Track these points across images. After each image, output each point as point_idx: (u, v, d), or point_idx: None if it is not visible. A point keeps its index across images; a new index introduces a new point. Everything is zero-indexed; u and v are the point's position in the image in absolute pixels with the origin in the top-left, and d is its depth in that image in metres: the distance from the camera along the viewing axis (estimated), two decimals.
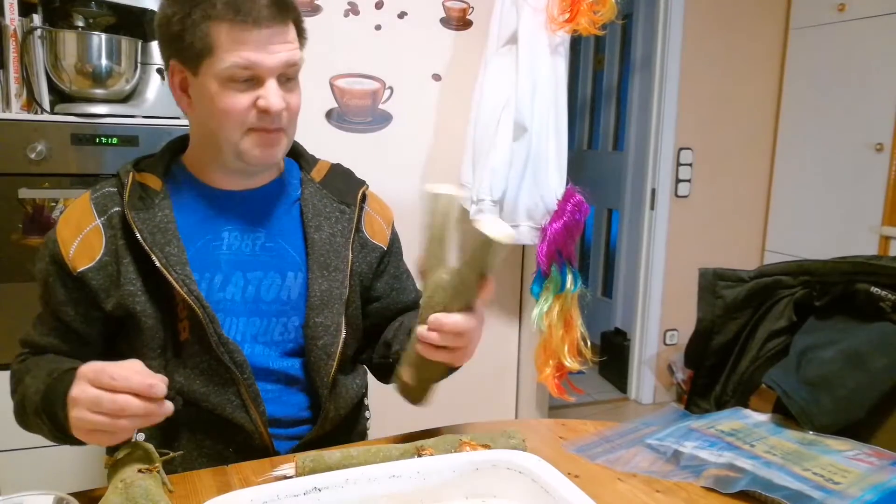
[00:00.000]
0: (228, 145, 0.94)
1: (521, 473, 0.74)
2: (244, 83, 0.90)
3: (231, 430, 0.96)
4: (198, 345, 0.94)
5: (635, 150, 3.35)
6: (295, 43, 0.93)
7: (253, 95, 0.91)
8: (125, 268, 0.93)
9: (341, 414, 1.04)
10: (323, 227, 1.03)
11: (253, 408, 0.95)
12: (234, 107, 0.90)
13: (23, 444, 1.64)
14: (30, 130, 1.59)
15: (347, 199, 1.07)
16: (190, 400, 0.94)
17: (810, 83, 2.94)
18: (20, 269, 1.62)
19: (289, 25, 0.92)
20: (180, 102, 0.97)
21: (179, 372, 0.95)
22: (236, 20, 0.87)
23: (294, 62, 0.92)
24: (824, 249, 2.80)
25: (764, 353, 1.17)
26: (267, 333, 1.00)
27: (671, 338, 3.16)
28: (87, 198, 0.97)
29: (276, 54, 0.90)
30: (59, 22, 1.69)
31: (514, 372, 2.56)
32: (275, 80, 0.91)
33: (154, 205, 0.95)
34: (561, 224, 2.06)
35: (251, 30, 0.87)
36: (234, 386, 0.95)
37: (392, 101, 2.27)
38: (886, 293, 1.04)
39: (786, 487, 0.79)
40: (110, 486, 0.75)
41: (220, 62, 0.89)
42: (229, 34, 0.88)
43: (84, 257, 0.93)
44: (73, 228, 0.94)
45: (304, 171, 1.08)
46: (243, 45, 0.88)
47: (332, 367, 1.00)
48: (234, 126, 0.92)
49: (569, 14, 1.98)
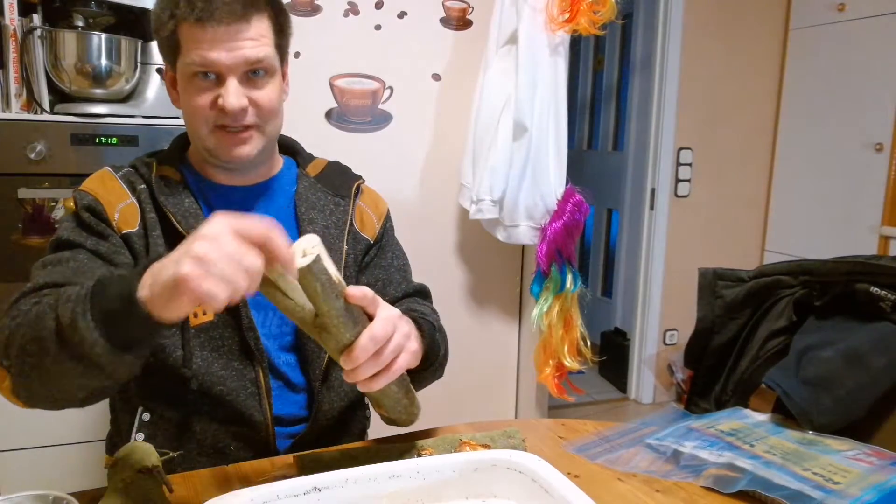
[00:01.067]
0: (199, 142, 0.98)
1: (521, 473, 0.74)
2: (207, 81, 0.92)
3: (239, 420, 0.97)
4: (221, 328, 0.95)
5: (635, 150, 3.35)
6: (261, 39, 0.92)
7: (215, 93, 0.92)
8: (153, 241, 0.94)
9: (336, 409, 1.03)
10: (316, 221, 1.04)
11: (266, 398, 0.97)
12: (196, 104, 0.93)
13: (23, 444, 1.64)
14: (29, 130, 1.59)
15: (342, 192, 1.08)
16: (205, 384, 0.95)
17: (810, 83, 2.94)
18: (20, 269, 1.62)
19: (251, 22, 0.91)
20: (171, 98, 1.00)
21: (198, 354, 0.95)
22: (193, 19, 0.88)
23: (257, 59, 0.92)
24: (824, 249, 2.80)
25: (764, 353, 1.17)
26: (265, 326, 1.00)
27: (671, 338, 3.16)
28: (112, 175, 0.98)
29: (235, 52, 0.90)
30: (59, 22, 1.69)
31: (514, 372, 2.56)
32: (235, 79, 0.91)
33: (179, 192, 0.97)
34: (561, 224, 2.06)
35: (207, 28, 0.89)
36: (253, 373, 0.96)
37: (392, 101, 2.27)
38: (886, 293, 1.04)
39: (785, 487, 0.79)
40: (110, 486, 0.75)
41: (183, 60, 0.92)
42: (189, 33, 0.90)
43: (126, 223, 0.94)
44: (111, 195, 0.95)
45: (300, 167, 1.10)
46: (201, 43, 0.89)
47: (324, 359, 1.01)
48: (200, 123, 0.95)
49: (569, 14, 1.98)
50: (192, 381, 0.94)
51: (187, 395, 0.95)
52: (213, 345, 0.95)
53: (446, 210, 2.37)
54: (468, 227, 2.37)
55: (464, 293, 2.45)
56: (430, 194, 2.34)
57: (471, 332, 2.45)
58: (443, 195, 2.35)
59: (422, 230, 2.34)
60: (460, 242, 2.41)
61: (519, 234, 2.13)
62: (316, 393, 1.01)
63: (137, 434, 0.96)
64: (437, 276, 2.33)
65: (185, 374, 0.94)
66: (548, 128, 2.06)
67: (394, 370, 0.77)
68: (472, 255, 2.43)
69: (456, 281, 2.42)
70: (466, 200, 2.21)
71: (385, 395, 0.82)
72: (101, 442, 1.08)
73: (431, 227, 2.35)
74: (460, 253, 2.42)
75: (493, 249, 2.40)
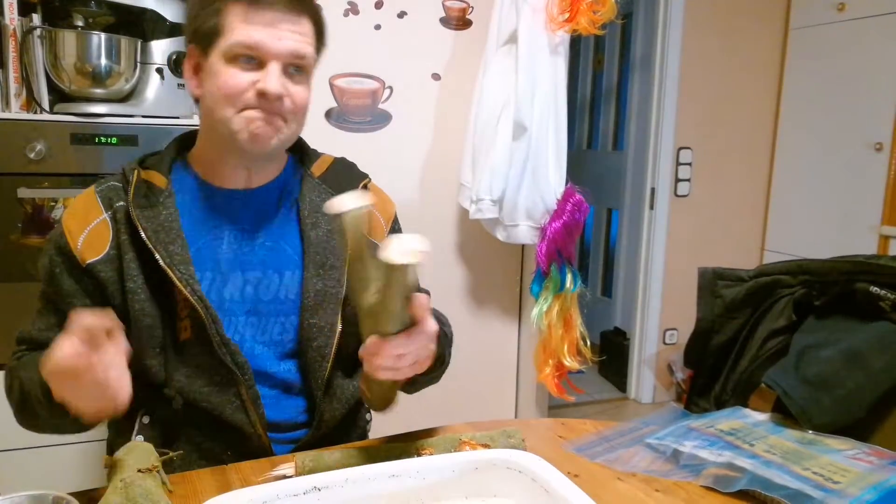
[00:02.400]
0: (222, 124, 0.93)
1: (520, 473, 0.74)
2: (248, 63, 0.91)
3: (230, 433, 0.96)
4: (199, 345, 0.94)
5: (635, 150, 3.34)
6: (307, 37, 0.93)
7: (255, 76, 0.91)
8: (127, 264, 0.92)
9: (337, 416, 1.03)
10: (320, 224, 1.02)
11: (253, 410, 0.95)
12: (233, 83, 0.91)
13: (23, 444, 1.64)
14: (29, 130, 1.59)
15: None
16: (189, 400, 0.94)
17: (810, 83, 2.94)
18: (20, 269, 1.62)
19: (302, 17, 0.92)
20: (190, 86, 0.98)
21: (180, 371, 0.94)
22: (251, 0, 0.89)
23: (302, 54, 0.92)
24: (824, 249, 2.80)
25: (763, 353, 1.17)
26: (265, 333, 0.99)
27: (671, 337, 3.16)
28: (92, 191, 0.97)
29: (284, 40, 0.90)
30: (59, 21, 1.69)
31: (514, 372, 2.56)
32: (278, 66, 0.91)
33: (159, 203, 0.95)
34: (560, 223, 2.06)
35: (263, 11, 0.89)
36: (235, 387, 0.95)
37: (392, 101, 2.26)
38: (886, 292, 1.04)
39: (785, 487, 0.79)
40: (110, 486, 0.75)
41: (227, 40, 0.90)
42: (241, 12, 0.90)
43: (92, 249, 0.92)
44: (80, 220, 0.94)
45: (305, 166, 1.07)
46: (252, 24, 0.89)
47: (326, 368, 0.99)
48: (230, 103, 0.91)
49: (568, 14, 1.98)
50: (174, 400, 0.94)
51: (176, 411, 0.95)
52: (192, 362, 0.95)
53: (446, 210, 2.37)
54: (468, 227, 2.37)
55: (464, 293, 2.45)
56: (429, 194, 2.34)
57: (471, 331, 2.45)
58: (442, 195, 2.35)
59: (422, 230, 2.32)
60: (460, 242, 2.41)
61: (519, 233, 2.13)
62: (318, 401, 1.00)
63: (137, 436, 0.96)
64: (437, 276, 2.33)
65: (167, 395, 0.94)
66: (547, 127, 2.06)
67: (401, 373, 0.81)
68: (472, 255, 2.43)
69: (456, 281, 2.42)
70: (466, 200, 2.21)
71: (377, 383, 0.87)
72: (101, 442, 1.08)
73: (431, 227, 2.35)
74: (460, 253, 2.42)
75: (493, 249, 2.40)
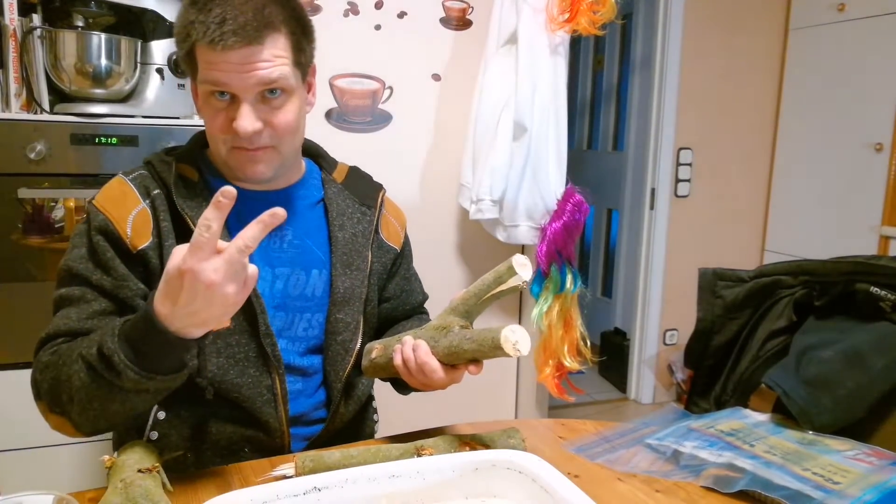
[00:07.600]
0: (219, 158, 0.98)
1: (520, 473, 0.74)
2: (223, 101, 0.91)
3: (255, 426, 0.97)
4: (238, 335, 0.95)
5: (635, 150, 3.35)
6: (275, 59, 0.89)
7: (231, 114, 0.91)
8: (167, 251, 0.92)
9: (350, 412, 1.06)
10: (346, 227, 1.05)
11: (282, 405, 0.97)
12: (214, 124, 0.93)
13: (23, 444, 1.64)
14: (29, 130, 1.59)
15: (368, 202, 1.09)
16: (221, 391, 0.95)
17: (810, 83, 2.94)
18: (20, 269, 1.62)
19: (269, 38, 0.88)
20: (196, 107, 0.99)
21: (213, 361, 0.95)
22: (206, 41, 0.87)
23: (271, 80, 0.89)
24: (824, 249, 2.80)
25: (764, 353, 1.17)
26: (291, 328, 1.01)
27: (671, 338, 3.16)
28: (124, 181, 0.96)
29: (247, 74, 0.88)
30: (59, 22, 1.69)
31: (514, 372, 2.56)
32: (248, 102, 0.90)
33: (197, 194, 0.96)
34: (560, 224, 2.06)
35: (220, 52, 0.87)
36: (269, 380, 0.96)
37: (392, 101, 2.26)
38: (886, 293, 1.04)
39: (785, 487, 0.79)
40: (110, 486, 0.75)
41: (201, 77, 0.91)
42: (203, 53, 0.89)
43: (140, 236, 0.92)
44: (122, 208, 0.93)
45: (326, 171, 1.10)
46: (214, 64, 0.88)
47: (348, 362, 1.03)
48: (219, 142, 0.95)
49: (569, 14, 1.97)
50: (206, 390, 0.94)
51: (202, 400, 0.95)
52: (228, 352, 0.95)
53: (446, 210, 2.37)
54: (468, 227, 2.37)
55: None
56: (429, 194, 2.34)
57: None
58: (442, 195, 2.35)
59: (422, 230, 2.33)
60: (460, 242, 2.41)
61: (519, 234, 2.13)
62: (336, 396, 1.03)
63: (151, 432, 0.96)
64: (438, 276, 2.32)
65: (200, 384, 0.94)
66: (547, 128, 2.05)
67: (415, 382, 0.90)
68: (472, 255, 2.43)
69: (456, 281, 2.42)
70: (466, 200, 2.21)
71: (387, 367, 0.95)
72: (101, 442, 1.08)
73: (431, 227, 2.35)
74: (460, 253, 2.42)
75: (493, 249, 2.40)
